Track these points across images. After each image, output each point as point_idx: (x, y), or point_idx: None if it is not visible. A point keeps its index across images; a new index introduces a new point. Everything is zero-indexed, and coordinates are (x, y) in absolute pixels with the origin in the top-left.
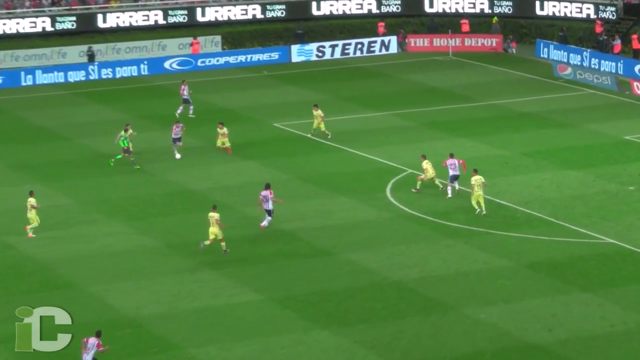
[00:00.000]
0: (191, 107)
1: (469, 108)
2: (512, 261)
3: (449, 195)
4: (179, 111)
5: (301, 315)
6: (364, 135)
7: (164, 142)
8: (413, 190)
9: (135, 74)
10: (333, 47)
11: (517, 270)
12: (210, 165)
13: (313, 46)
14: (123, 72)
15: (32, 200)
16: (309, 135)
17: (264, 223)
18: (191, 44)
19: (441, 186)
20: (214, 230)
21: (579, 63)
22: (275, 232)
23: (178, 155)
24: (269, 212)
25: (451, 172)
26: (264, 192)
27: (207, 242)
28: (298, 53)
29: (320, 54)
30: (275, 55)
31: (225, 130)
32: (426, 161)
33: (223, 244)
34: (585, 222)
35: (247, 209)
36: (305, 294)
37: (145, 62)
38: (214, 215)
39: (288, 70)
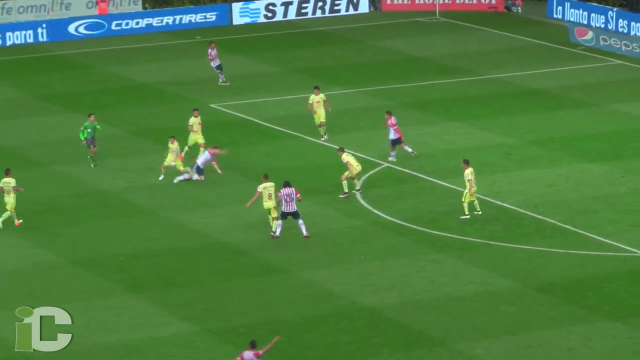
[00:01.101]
0: (221, 74)
1: (463, 84)
2: (518, 281)
3: (391, 159)
4: (221, 81)
5: None
6: (328, 118)
7: (69, 129)
8: (341, 196)
9: (30, 40)
10: (286, 5)
11: (524, 292)
12: (125, 158)
13: (260, 4)
14: (15, 38)
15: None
16: (323, 139)
17: (278, 232)
18: (96, 2)
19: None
20: (269, 205)
21: (602, 25)
22: (212, 245)
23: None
24: (293, 215)
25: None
26: (287, 190)
27: (273, 222)
28: (241, 13)
29: (269, 15)
30: (211, 17)
31: (176, 145)
32: (345, 154)
33: (274, 222)
34: (610, 230)
35: (173, 215)
36: (250, 325)
37: (44, 26)
38: (270, 187)
39: (228, 35)
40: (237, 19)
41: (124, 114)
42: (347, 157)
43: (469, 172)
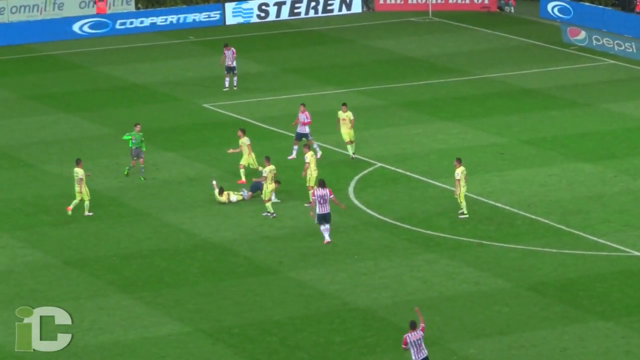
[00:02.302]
0: (235, 77)
1: (455, 83)
2: (511, 281)
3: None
4: (228, 86)
5: (237, 352)
6: (319, 118)
7: (59, 129)
8: (306, 205)
9: (23, 40)
10: (279, 5)
11: (517, 292)
12: (117, 158)
13: (253, 4)
14: (7, 38)
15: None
16: (352, 157)
17: (327, 237)
18: (94, 2)
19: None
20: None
21: (595, 25)
22: (203, 245)
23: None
24: (325, 218)
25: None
26: (321, 192)
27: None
28: (234, 13)
29: (262, 14)
30: (204, 17)
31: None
32: (310, 153)
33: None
34: (604, 230)
35: (164, 215)
36: (241, 325)
37: (38, 25)
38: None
39: (221, 35)
40: (230, 19)
41: (115, 114)
42: (310, 158)
43: (459, 172)
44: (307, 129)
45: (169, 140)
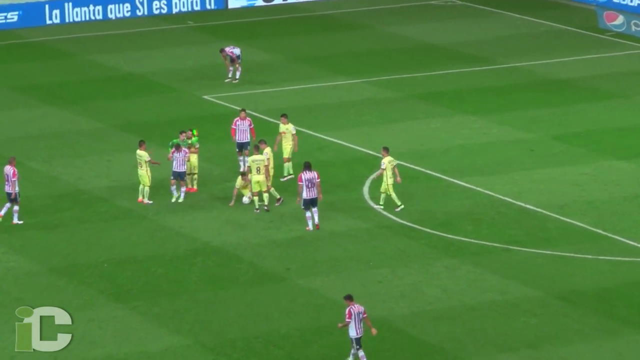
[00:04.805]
0: (239, 68)
1: (479, 73)
2: (541, 290)
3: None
4: (231, 75)
5: None
6: (330, 111)
7: (46, 124)
8: (276, 204)
9: (4, 26)
10: None
11: (547, 302)
12: (109, 154)
13: None
14: None
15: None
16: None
17: (310, 225)
18: None
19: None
20: (258, 179)
21: (635, 9)
22: (203, 250)
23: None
24: (313, 203)
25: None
26: (308, 175)
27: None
28: None
29: None
30: (205, 0)
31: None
32: (269, 149)
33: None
34: None
35: (161, 217)
36: (246, 338)
37: (21, 10)
38: (259, 160)
39: (223, 20)
40: (233, 3)
41: (108, 106)
42: (270, 154)
43: (385, 161)
44: (247, 137)
45: (166, 134)
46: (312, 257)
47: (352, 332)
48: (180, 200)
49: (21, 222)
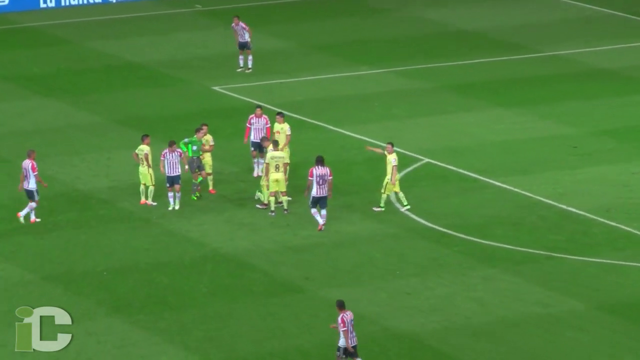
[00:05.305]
0: (250, 55)
1: (518, 62)
2: (587, 302)
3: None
4: (242, 65)
5: None
6: (353, 104)
7: (40, 117)
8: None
9: None
10: None
11: (594, 316)
12: (109, 151)
13: None
14: None
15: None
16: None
17: (322, 222)
18: None
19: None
20: (277, 177)
21: None
22: (213, 257)
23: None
24: (321, 202)
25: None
26: (320, 170)
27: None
28: None
29: None
30: None
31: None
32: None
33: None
34: None
35: (168, 222)
36: (260, 355)
37: None
38: (279, 157)
39: (233, 4)
40: None
41: (107, 99)
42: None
43: (392, 158)
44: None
45: (171, 130)
46: (334, 265)
47: (344, 341)
48: (176, 207)
49: (39, 219)
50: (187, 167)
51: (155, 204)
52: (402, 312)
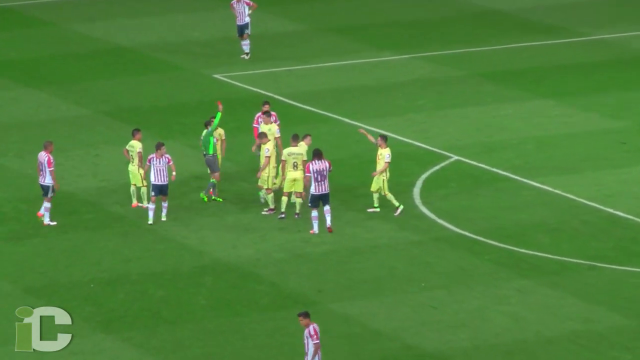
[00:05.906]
0: (247, 40)
1: (558, 47)
2: (634, 317)
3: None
4: (247, 51)
5: None
6: (373, 94)
7: (20, 109)
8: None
9: None
10: None
11: None
12: (96, 147)
13: None
14: None
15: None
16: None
17: (316, 227)
18: None
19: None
20: (294, 176)
21: None
22: (213, 267)
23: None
24: (322, 200)
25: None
26: (318, 165)
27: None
28: None
29: None
30: None
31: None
32: (271, 144)
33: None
34: None
35: (163, 227)
36: None
37: None
38: (297, 154)
39: None
40: None
41: (94, 88)
42: (272, 149)
43: (386, 153)
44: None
45: (167, 123)
46: (349, 276)
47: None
48: (163, 218)
49: (54, 223)
50: (174, 174)
51: (149, 206)
52: (426, 328)
